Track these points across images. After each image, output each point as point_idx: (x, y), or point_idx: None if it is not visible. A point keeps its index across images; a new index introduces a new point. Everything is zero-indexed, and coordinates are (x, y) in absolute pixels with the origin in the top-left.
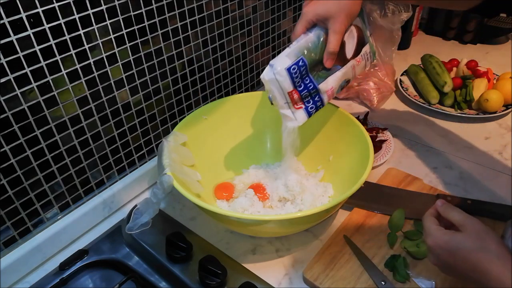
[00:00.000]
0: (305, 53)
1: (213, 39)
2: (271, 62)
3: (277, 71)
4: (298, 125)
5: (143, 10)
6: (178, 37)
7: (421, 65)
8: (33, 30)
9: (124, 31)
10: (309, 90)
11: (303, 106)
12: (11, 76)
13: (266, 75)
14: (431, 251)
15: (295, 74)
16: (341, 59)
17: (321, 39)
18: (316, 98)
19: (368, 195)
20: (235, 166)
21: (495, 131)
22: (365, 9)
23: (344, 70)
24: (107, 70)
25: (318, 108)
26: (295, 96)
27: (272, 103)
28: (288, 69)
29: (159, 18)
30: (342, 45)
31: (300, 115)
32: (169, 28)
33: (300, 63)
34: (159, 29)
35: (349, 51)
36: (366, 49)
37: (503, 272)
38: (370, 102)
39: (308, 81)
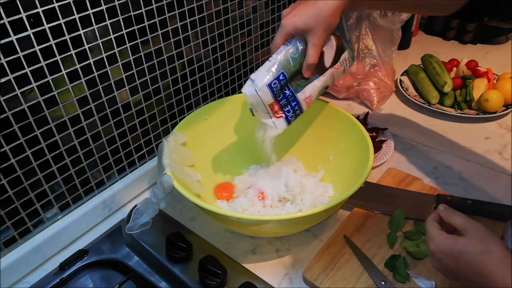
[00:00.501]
0: (285, 66)
1: (213, 39)
2: (252, 76)
3: (258, 87)
4: (279, 132)
5: (143, 10)
6: (178, 37)
7: (421, 65)
8: (33, 30)
9: (124, 31)
10: (287, 99)
11: (283, 115)
12: (11, 76)
13: (247, 91)
14: (434, 256)
15: (275, 88)
16: (319, 68)
17: (300, 49)
18: (295, 107)
19: (368, 195)
20: (235, 166)
21: (495, 131)
22: (343, 18)
23: (322, 78)
24: (107, 70)
25: (297, 116)
26: (276, 106)
27: (253, 114)
28: (269, 85)
29: (159, 18)
30: (321, 55)
31: (280, 124)
32: (169, 28)
33: (281, 77)
34: (159, 29)
35: (328, 60)
36: (345, 55)
37: (507, 275)
38: (370, 102)
39: (287, 90)
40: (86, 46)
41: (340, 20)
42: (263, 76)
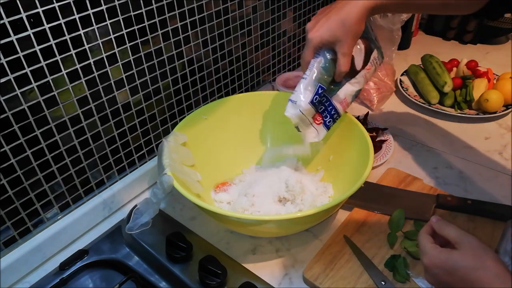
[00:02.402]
0: (320, 79)
1: (213, 39)
2: (292, 98)
3: (302, 107)
4: (320, 139)
5: (143, 10)
6: (178, 37)
7: (421, 65)
8: (33, 30)
9: (124, 31)
10: (325, 106)
11: (322, 121)
12: (11, 76)
13: (291, 114)
14: (428, 270)
15: (317, 102)
16: (351, 72)
17: (330, 59)
18: (332, 111)
19: (368, 195)
20: (235, 166)
21: (495, 131)
22: (368, 20)
23: (355, 81)
24: (107, 70)
25: (335, 120)
26: (317, 116)
27: (299, 131)
28: (312, 102)
29: (159, 18)
30: (351, 60)
31: (321, 130)
32: (169, 28)
33: (320, 91)
34: (159, 29)
35: (359, 63)
36: (374, 55)
37: None
38: (370, 102)
39: (325, 100)
40: (86, 46)
41: (366, 27)
42: (304, 95)
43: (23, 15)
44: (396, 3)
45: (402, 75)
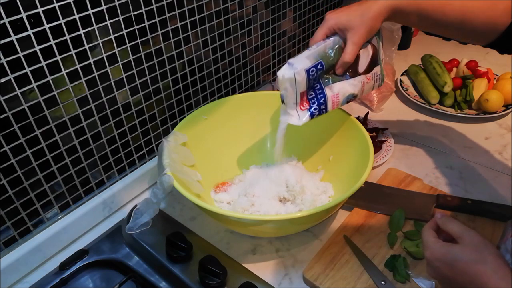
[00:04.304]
0: (323, 57)
1: (213, 39)
2: (290, 61)
3: (297, 70)
4: (299, 124)
5: (143, 10)
6: (178, 37)
7: (421, 65)
8: (33, 30)
9: (124, 31)
10: (316, 92)
11: (308, 107)
12: (11, 76)
13: (285, 73)
14: (429, 263)
15: (312, 76)
16: (353, 71)
17: (339, 46)
18: (321, 101)
19: (368, 195)
20: (235, 166)
21: (495, 131)
22: (381, 33)
23: (352, 82)
24: (107, 70)
25: (321, 111)
26: (304, 97)
27: (282, 101)
28: (308, 71)
29: (159, 18)
30: (357, 58)
31: (304, 115)
32: (169, 28)
33: (319, 66)
34: (159, 29)
35: (362, 66)
36: (377, 69)
37: (501, 285)
38: (370, 102)
39: (318, 84)
40: (86, 46)
41: (378, 32)
42: (302, 61)
43: (23, 15)
44: (413, 10)
45: (402, 75)
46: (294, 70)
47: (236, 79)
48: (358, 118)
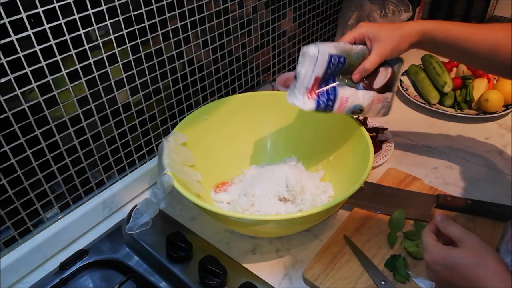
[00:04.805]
0: (348, 55)
1: (213, 39)
2: (318, 43)
3: (322, 50)
4: (303, 108)
5: (143, 10)
6: (178, 37)
7: (421, 65)
8: (34, 30)
9: (124, 31)
10: (328, 87)
11: (316, 98)
12: (11, 76)
13: (310, 49)
14: (429, 267)
15: (332, 66)
16: (368, 83)
17: (363, 54)
18: (330, 97)
19: (368, 195)
20: (235, 166)
21: (495, 131)
22: (403, 66)
23: (364, 93)
24: (107, 70)
25: (326, 107)
26: (315, 86)
27: (295, 78)
28: (331, 56)
29: (159, 18)
30: (375, 73)
31: (310, 104)
32: (169, 28)
33: (341, 60)
34: (159, 29)
35: (378, 83)
36: (388, 95)
37: None
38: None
39: (333, 80)
40: (86, 46)
41: (400, 62)
42: (329, 47)
43: (23, 15)
44: (444, 37)
45: (402, 75)
46: (320, 48)
47: (236, 79)
48: (358, 118)
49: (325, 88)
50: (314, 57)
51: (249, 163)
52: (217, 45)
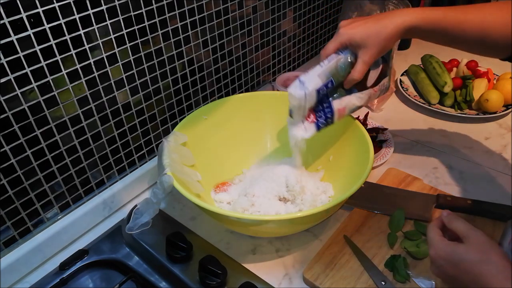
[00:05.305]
0: (334, 74)
1: (213, 39)
2: (302, 78)
3: (308, 91)
4: (306, 137)
5: (143, 10)
6: (178, 37)
7: (421, 65)
8: (34, 30)
9: (124, 31)
10: (323, 106)
11: (315, 121)
12: (11, 76)
13: (296, 93)
14: (434, 262)
15: (322, 94)
16: (360, 85)
17: (349, 62)
18: (328, 115)
19: (368, 195)
20: (235, 166)
21: (495, 131)
22: (395, 46)
23: (360, 95)
24: (107, 70)
25: (327, 124)
26: (311, 112)
27: (290, 115)
28: (318, 90)
29: (159, 18)
30: (366, 73)
31: (310, 129)
32: (169, 28)
33: (329, 85)
34: (159, 29)
35: (371, 80)
36: (385, 81)
37: (505, 286)
38: (370, 103)
39: (326, 100)
40: (86, 46)
41: (389, 50)
42: (314, 80)
43: (23, 15)
44: (431, 29)
45: (402, 75)
46: (306, 90)
47: (236, 79)
48: (358, 118)
49: (321, 110)
50: (302, 99)
51: (249, 163)
52: (217, 45)
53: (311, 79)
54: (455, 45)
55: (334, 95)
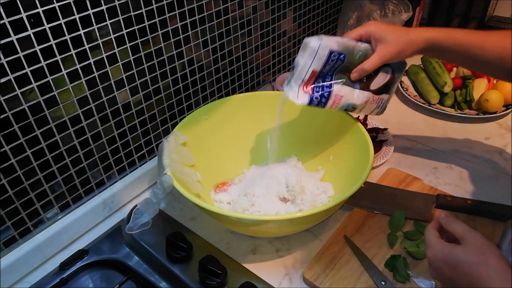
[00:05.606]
0: (349, 52)
1: (213, 39)
2: (322, 36)
3: (323, 45)
4: (295, 102)
5: (143, 10)
6: (178, 37)
7: (421, 65)
8: (34, 30)
9: (124, 31)
10: (324, 83)
11: (311, 93)
12: (11, 76)
13: (311, 41)
14: (431, 263)
15: (331, 61)
16: (365, 84)
17: (366, 53)
18: (325, 94)
19: (368, 195)
20: (235, 166)
21: (495, 131)
22: (404, 70)
23: (359, 93)
24: (107, 70)
25: (320, 103)
26: (312, 80)
27: (292, 68)
28: (332, 52)
29: (159, 18)
30: (375, 73)
31: (303, 98)
32: (169, 28)
33: (341, 57)
34: (159, 29)
35: (375, 84)
36: (384, 97)
37: None
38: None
39: (330, 77)
40: (86, 46)
41: (403, 67)
42: (332, 41)
43: (23, 15)
44: (453, 46)
45: None
46: (321, 42)
47: (236, 79)
48: (358, 118)
49: (321, 84)
50: (314, 50)
51: (249, 163)
52: (217, 45)
53: (329, 40)
54: (472, 65)
55: (338, 80)
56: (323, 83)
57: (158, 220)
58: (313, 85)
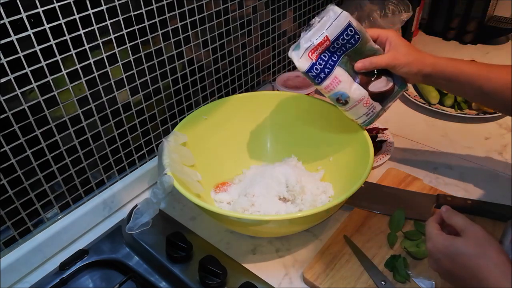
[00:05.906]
0: (362, 40)
1: (213, 39)
2: (345, 11)
3: (344, 15)
4: (295, 63)
5: (143, 10)
6: (178, 37)
7: None
8: (34, 30)
9: (124, 31)
10: (329, 60)
11: (313, 61)
12: (11, 76)
13: (335, 7)
14: (431, 255)
15: (345, 36)
16: (365, 82)
17: (374, 53)
18: (325, 70)
19: (368, 195)
20: (235, 166)
21: (495, 131)
22: (404, 91)
23: (356, 87)
24: (107, 70)
25: (316, 77)
26: (320, 48)
27: (305, 30)
28: (349, 25)
29: (159, 18)
30: (378, 76)
31: (304, 62)
32: (169, 28)
33: (356, 37)
34: (159, 29)
35: (374, 87)
36: (376, 106)
37: (501, 281)
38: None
39: (336, 56)
40: (86, 46)
41: (403, 87)
42: (352, 20)
43: (23, 15)
44: (457, 74)
45: None
46: (344, 12)
47: (236, 79)
48: None
49: (324, 61)
50: (335, 15)
51: (249, 163)
52: (217, 45)
53: (350, 18)
54: (479, 97)
55: (342, 63)
56: (329, 57)
57: (158, 220)
58: (318, 55)
